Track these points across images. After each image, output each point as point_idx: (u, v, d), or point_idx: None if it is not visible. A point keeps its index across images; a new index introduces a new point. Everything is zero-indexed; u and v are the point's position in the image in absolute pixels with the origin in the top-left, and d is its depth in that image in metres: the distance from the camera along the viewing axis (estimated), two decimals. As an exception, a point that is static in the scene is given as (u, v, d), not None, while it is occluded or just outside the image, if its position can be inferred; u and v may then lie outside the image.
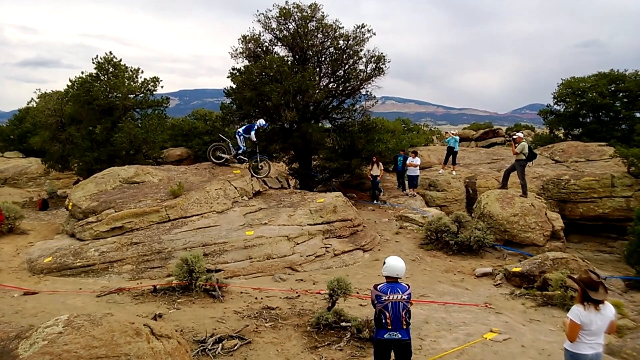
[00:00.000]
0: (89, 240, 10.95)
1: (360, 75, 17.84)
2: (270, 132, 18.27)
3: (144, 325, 4.83)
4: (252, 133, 13.95)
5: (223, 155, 14.44)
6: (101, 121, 18.93)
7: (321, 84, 17.89)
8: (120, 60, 19.32)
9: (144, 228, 11.18)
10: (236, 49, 17.84)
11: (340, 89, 18.24)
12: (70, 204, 12.46)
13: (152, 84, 19.62)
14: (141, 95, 19.74)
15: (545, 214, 13.92)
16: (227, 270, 10.02)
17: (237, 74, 17.54)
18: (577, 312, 4.27)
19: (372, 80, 17.90)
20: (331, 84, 18.35)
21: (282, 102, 16.37)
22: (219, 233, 11.01)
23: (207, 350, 6.45)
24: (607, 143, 22.84)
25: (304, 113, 17.46)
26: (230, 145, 14.53)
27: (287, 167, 19.00)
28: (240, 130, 14.25)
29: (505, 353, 6.59)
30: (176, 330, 6.32)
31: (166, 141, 23.05)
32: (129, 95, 19.31)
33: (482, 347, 6.75)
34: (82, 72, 19.05)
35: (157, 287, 8.71)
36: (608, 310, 4.30)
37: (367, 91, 18.27)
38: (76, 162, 19.86)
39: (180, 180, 13.02)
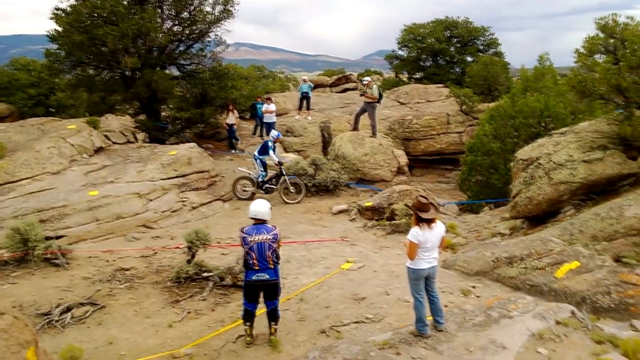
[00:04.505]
0: None
1: (208, 17, 16.76)
2: (110, 82, 16.38)
3: (-34, 305, 4.18)
4: (271, 152, 12.26)
5: (248, 189, 12.49)
6: None
7: (164, 27, 16.41)
8: None
9: (-43, 198, 9.44)
10: (58, -15, 15.24)
11: (187, 32, 16.92)
12: None
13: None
14: None
15: (392, 152, 15.14)
16: (71, 236, 9.20)
17: (63, 14, 15.09)
18: (415, 233, 4.77)
19: (221, 24, 16.97)
20: (176, 27, 16.91)
21: (119, 46, 14.62)
22: (56, 196, 9.91)
23: (53, 322, 5.95)
24: (444, 85, 25.55)
25: (147, 59, 15.92)
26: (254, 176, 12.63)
27: (132, 120, 17.35)
28: (256, 153, 12.50)
29: (359, 279, 7.16)
30: (14, 307, 5.61)
31: (-22, 96, 19.32)
32: None
33: (339, 277, 7.24)
34: None
35: (-17, 263, 7.57)
36: (439, 228, 4.87)
37: (217, 35, 17.34)
38: None
39: (1, 140, 11.18)
